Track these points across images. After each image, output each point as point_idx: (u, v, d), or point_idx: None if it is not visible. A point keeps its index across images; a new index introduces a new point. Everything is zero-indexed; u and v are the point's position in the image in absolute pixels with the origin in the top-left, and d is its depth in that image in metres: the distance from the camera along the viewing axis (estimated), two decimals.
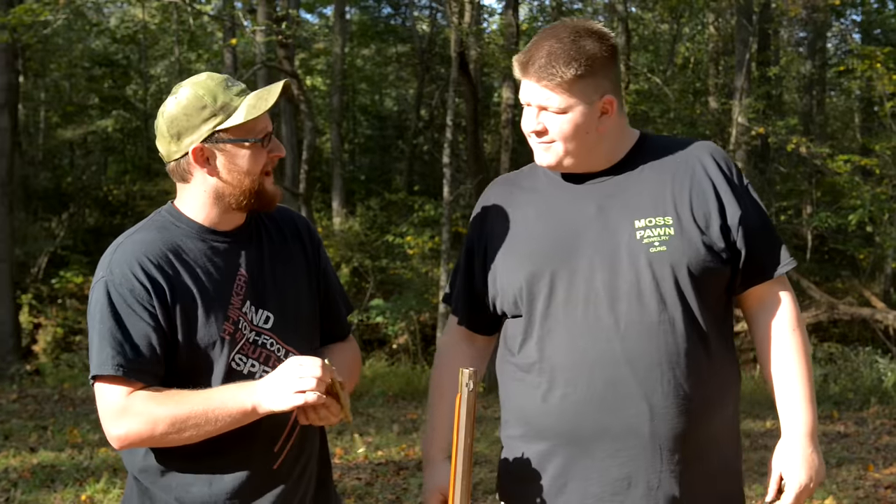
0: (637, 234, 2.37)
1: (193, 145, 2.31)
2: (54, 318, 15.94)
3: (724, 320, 2.47)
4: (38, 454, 7.83)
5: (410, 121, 23.03)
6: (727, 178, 2.43)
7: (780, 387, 2.45)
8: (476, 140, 14.79)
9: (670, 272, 2.35)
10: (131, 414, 2.23)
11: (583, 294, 2.38)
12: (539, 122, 2.40)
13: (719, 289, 2.44)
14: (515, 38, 15.91)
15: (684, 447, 2.37)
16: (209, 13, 16.87)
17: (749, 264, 2.43)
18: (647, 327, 2.35)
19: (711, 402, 2.40)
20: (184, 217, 2.39)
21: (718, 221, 2.39)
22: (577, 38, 2.36)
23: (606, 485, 2.39)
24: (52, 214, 19.54)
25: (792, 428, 2.43)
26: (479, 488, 6.28)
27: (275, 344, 2.40)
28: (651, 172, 2.46)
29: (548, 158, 2.44)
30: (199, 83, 2.31)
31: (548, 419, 2.43)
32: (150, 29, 21.07)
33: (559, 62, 2.33)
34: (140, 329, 2.27)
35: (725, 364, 2.46)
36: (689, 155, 2.47)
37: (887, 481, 7.07)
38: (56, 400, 11.13)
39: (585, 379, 2.36)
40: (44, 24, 13.06)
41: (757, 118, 15.28)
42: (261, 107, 2.27)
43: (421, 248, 16.20)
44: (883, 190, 13.73)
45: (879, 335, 12.88)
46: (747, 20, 15.38)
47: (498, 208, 2.58)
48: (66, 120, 21.54)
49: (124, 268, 2.30)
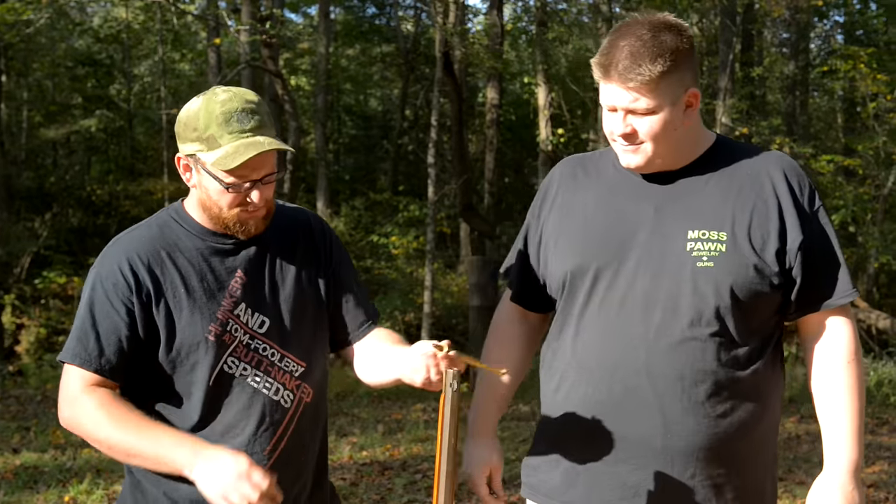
0: (688, 245, 2.30)
1: (179, 154, 2.35)
2: (37, 318, 15.84)
3: (769, 340, 2.39)
4: (20, 455, 7.80)
5: (395, 121, 23.02)
6: (795, 199, 2.32)
7: (827, 420, 2.37)
8: (461, 140, 14.81)
9: (713, 290, 2.27)
10: (81, 409, 2.29)
11: (620, 296, 2.34)
12: (627, 124, 2.30)
13: (767, 312, 2.35)
14: (500, 38, 15.94)
15: (699, 463, 2.32)
16: (193, 13, 16.84)
17: (803, 292, 2.33)
18: (676, 341, 2.29)
19: (737, 423, 2.33)
20: (188, 217, 2.41)
21: (776, 245, 2.29)
22: (657, 33, 2.27)
23: (614, 489, 2.37)
24: (35, 214, 19.42)
25: (834, 462, 2.33)
26: (465, 488, 6.28)
27: (269, 349, 2.39)
28: (717, 181, 2.37)
29: (636, 160, 2.35)
30: (211, 102, 2.29)
31: (567, 414, 2.41)
32: (134, 28, 20.96)
33: (644, 60, 2.23)
34: (111, 324, 2.31)
35: (764, 385, 2.37)
36: (761, 168, 2.37)
37: (870, 480, 7.09)
38: (39, 401, 11.08)
39: (607, 382, 2.34)
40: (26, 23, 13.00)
41: (740, 118, 15.31)
42: (228, 162, 2.24)
43: (406, 248, 16.20)
44: (865, 190, 13.81)
45: (862, 335, 12.95)
46: (731, 21, 15.42)
47: (561, 188, 2.54)
48: (49, 119, 21.42)
49: (113, 262, 2.35)
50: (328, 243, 2.53)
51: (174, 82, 21.46)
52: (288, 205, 2.58)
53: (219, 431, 2.36)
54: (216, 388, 2.35)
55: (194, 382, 2.34)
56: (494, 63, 15.03)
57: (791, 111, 21.15)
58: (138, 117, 21.91)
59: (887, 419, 9.74)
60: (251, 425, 2.37)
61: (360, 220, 18.55)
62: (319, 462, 2.53)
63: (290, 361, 2.41)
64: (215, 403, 2.36)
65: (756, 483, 2.42)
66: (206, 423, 2.36)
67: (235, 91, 2.32)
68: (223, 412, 2.37)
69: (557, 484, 2.46)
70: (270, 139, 2.28)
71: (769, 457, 2.47)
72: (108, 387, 2.33)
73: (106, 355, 2.31)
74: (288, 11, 21.99)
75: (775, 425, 2.48)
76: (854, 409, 2.34)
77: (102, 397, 2.29)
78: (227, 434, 2.36)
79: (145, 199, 19.31)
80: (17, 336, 15.59)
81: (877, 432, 9.11)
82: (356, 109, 25.21)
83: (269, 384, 2.38)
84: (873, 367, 11.39)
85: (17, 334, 15.62)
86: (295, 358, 2.42)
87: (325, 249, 2.52)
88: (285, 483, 2.38)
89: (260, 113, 2.30)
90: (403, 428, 9.21)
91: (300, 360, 2.43)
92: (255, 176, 2.29)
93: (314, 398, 2.46)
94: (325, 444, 2.56)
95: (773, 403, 2.43)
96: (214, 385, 2.35)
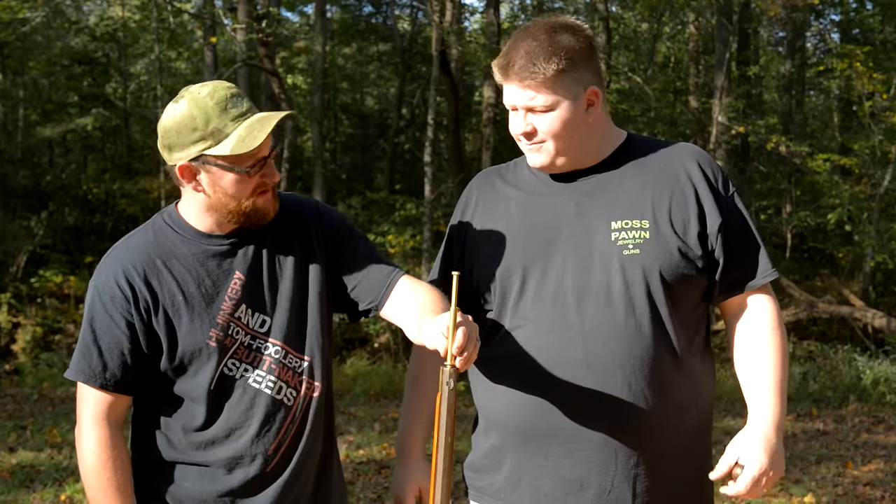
0: (612, 235, 2.34)
1: (181, 162, 2.31)
2: (33, 317, 15.81)
3: (698, 328, 2.43)
4: (16, 454, 7.79)
5: (392, 119, 23.00)
6: (710, 185, 2.39)
7: (750, 380, 2.39)
8: (457, 139, 14.81)
9: (642, 276, 2.31)
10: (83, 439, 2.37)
11: (552, 292, 2.36)
12: (527, 123, 2.37)
13: (695, 296, 2.39)
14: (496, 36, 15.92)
15: (642, 453, 2.34)
16: (189, 11, 16.82)
17: (726, 274, 2.38)
18: (612, 330, 2.31)
19: (677, 410, 2.35)
20: (182, 222, 2.40)
21: (697, 228, 2.34)
22: (553, 33, 2.34)
23: (558, 484, 2.37)
24: (31, 213, 19.39)
25: (758, 417, 2.35)
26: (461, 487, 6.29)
27: (271, 347, 2.39)
28: (633, 174, 2.42)
29: (540, 159, 2.40)
30: (198, 100, 2.27)
31: (505, 414, 2.42)
32: (130, 27, 20.93)
33: (539, 59, 2.30)
34: (113, 338, 2.32)
35: (698, 372, 2.41)
36: (674, 159, 2.43)
37: (866, 478, 7.11)
38: (35, 399, 11.07)
39: (546, 378, 2.34)
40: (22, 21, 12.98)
41: (737, 117, 15.33)
42: (248, 143, 2.24)
43: (402, 246, 16.17)
44: (861, 189, 13.83)
45: (858, 333, 12.96)
46: (727, 20, 15.43)
47: (480, 199, 2.57)
48: (46, 118, 21.38)
49: (109, 275, 2.35)
50: (324, 224, 2.50)
51: (171, 81, 21.42)
52: (282, 194, 2.55)
53: (223, 432, 2.38)
54: (218, 392, 2.36)
55: (196, 387, 2.35)
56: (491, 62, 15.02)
57: (787, 110, 21.17)
58: (135, 116, 21.88)
59: (883, 417, 9.76)
60: (254, 426, 2.37)
61: (357, 219, 18.52)
62: (324, 458, 2.52)
63: (294, 357, 2.41)
64: (218, 406, 2.37)
65: (696, 468, 2.44)
66: (209, 425, 2.38)
67: (212, 84, 2.32)
68: (226, 414, 2.38)
69: (502, 485, 2.46)
70: (269, 112, 2.30)
71: (706, 443, 2.50)
72: (120, 403, 2.37)
73: (110, 370, 2.33)
74: (284, 10, 21.99)
75: (709, 415, 2.51)
76: (777, 368, 2.37)
77: (103, 440, 2.35)
78: (231, 435, 2.38)
79: (141, 198, 19.29)
80: (14, 335, 15.57)
81: (873, 431, 9.13)
82: (353, 108, 25.18)
83: (272, 383, 2.38)
84: (869, 365, 11.40)
85: (13, 333, 15.59)
86: (297, 354, 2.41)
87: (321, 232, 2.48)
88: (289, 479, 2.39)
89: (243, 95, 2.33)
90: None
91: (303, 355, 2.42)
92: (265, 152, 2.30)
93: (322, 392, 2.45)
94: (329, 440, 2.54)
95: (706, 394, 2.46)
96: (216, 389, 2.36)
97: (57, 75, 21.23)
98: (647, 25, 19.07)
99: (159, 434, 2.41)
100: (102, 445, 2.33)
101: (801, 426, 9.25)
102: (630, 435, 2.33)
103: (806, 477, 7.10)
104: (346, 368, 13.03)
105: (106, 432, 2.34)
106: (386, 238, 16.20)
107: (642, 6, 15.93)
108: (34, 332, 15.40)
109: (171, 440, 2.40)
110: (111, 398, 2.34)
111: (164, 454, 2.41)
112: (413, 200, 16.55)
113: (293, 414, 2.40)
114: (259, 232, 2.41)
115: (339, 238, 2.49)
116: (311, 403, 2.43)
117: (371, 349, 15.04)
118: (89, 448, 2.34)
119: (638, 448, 2.34)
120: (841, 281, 15.61)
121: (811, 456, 7.83)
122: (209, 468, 2.38)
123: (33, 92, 21.39)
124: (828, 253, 16.70)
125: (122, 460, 2.35)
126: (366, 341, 15.52)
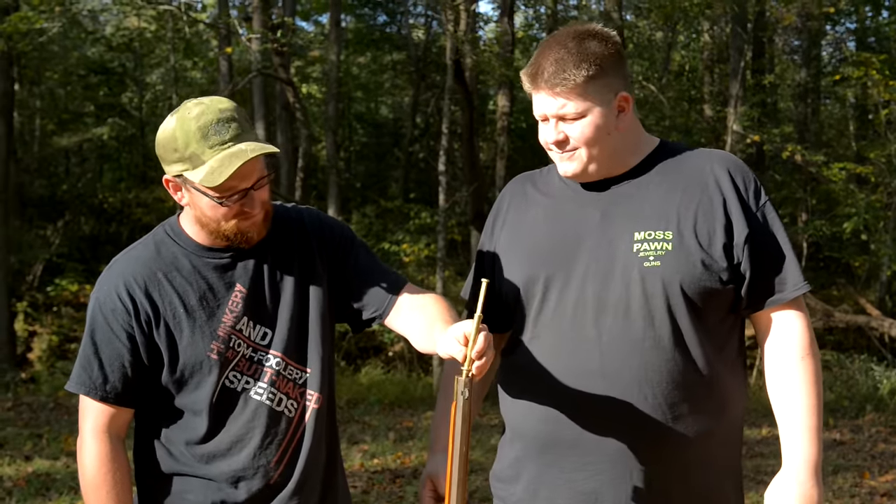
0: (634, 246, 2.30)
1: (166, 176, 2.32)
2: (49, 325, 15.90)
3: (728, 339, 2.37)
4: (32, 462, 7.81)
5: (406, 128, 23.05)
6: (739, 195, 2.33)
7: (784, 417, 2.32)
8: (471, 148, 14.82)
9: (661, 289, 2.27)
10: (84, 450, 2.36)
11: (572, 303, 2.34)
12: (559, 131, 2.34)
13: (721, 308, 2.33)
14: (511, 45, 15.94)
15: (659, 467, 2.31)
16: (205, 21, 16.90)
17: (753, 287, 2.31)
18: (629, 343, 2.28)
19: (699, 423, 2.31)
20: (182, 234, 2.40)
21: (723, 240, 2.29)
22: (582, 40, 2.32)
23: (574, 497, 2.35)
24: (48, 222, 19.51)
25: (792, 460, 2.30)
26: (476, 496, 6.27)
27: (272, 360, 2.39)
28: (661, 182, 2.38)
29: (573, 167, 2.37)
30: (184, 120, 2.23)
31: (525, 424, 2.41)
32: (146, 37, 21.06)
33: (569, 66, 2.28)
34: (114, 351, 2.33)
35: (726, 384, 2.35)
36: (704, 167, 2.38)
37: (883, 489, 7.06)
38: (51, 408, 11.10)
39: (563, 389, 2.32)
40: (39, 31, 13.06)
41: (752, 126, 15.29)
42: (215, 178, 2.20)
43: (417, 255, 16.16)
44: (878, 198, 13.76)
45: (875, 343, 12.90)
46: (742, 28, 15.42)
47: (512, 206, 2.56)
48: (62, 128, 21.51)
49: (111, 288, 2.35)
50: (325, 234, 2.48)
51: (186, 90, 21.52)
52: (283, 206, 2.53)
53: (225, 445, 2.38)
54: (219, 404, 2.36)
55: (198, 400, 2.35)
56: (505, 71, 15.03)
57: (803, 119, 21.11)
58: (150, 125, 21.96)
59: None
60: (256, 438, 2.37)
61: (371, 228, 18.53)
62: (328, 468, 2.52)
63: (294, 369, 2.40)
64: (220, 418, 2.37)
65: (717, 488, 2.40)
66: (211, 438, 2.38)
67: (208, 102, 2.26)
68: (228, 426, 2.38)
69: (521, 495, 2.44)
70: (253, 145, 2.22)
71: (731, 462, 2.44)
72: (121, 416, 2.37)
73: (111, 382, 2.33)
74: (299, 20, 22.06)
75: (737, 429, 2.45)
76: (811, 404, 2.30)
77: (103, 453, 2.35)
78: (234, 448, 2.38)
79: (157, 207, 19.37)
80: (30, 343, 15.66)
81: (889, 441, 9.08)
82: (367, 117, 25.24)
83: (273, 395, 2.38)
84: (886, 374, 11.35)
85: (29, 342, 15.68)
86: (298, 365, 2.41)
87: (322, 243, 2.47)
88: (293, 490, 2.39)
89: (237, 119, 2.25)
90: (415, 436, 9.19)
91: (304, 366, 2.42)
92: (245, 185, 2.25)
93: (323, 403, 2.44)
94: (332, 450, 2.53)
95: (734, 407, 2.40)
96: (217, 401, 2.36)
97: (73, 85, 21.37)
98: (662, 34, 19.05)
99: (160, 447, 2.41)
100: (102, 458, 2.34)
101: None
102: (646, 449, 2.29)
103: (823, 488, 7.05)
104: (360, 377, 13.04)
105: (106, 445, 2.34)
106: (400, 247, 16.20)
107: (657, 15, 15.91)
108: (50, 341, 15.48)
109: (172, 453, 2.40)
110: (112, 410, 2.34)
111: (165, 466, 2.40)
112: (427, 209, 16.54)
113: (294, 425, 2.40)
114: (260, 244, 2.39)
115: (341, 248, 2.48)
116: (313, 415, 2.42)
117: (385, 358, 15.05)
118: (90, 461, 2.34)
119: (655, 462, 2.30)
120: (857, 290, 15.55)
121: (828, 466, 7.78)
122: (212, 478, 2.38)
123: (50, 102, 21.54)
124: (844, 262, 16.62)
125: (122, 474, 2.36)
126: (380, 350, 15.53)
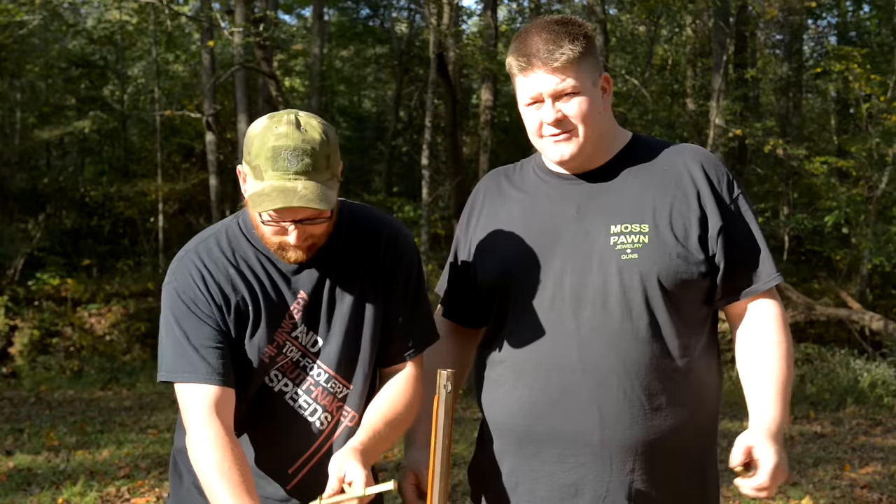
0: (611, 239, 2.32)
1: (239, 166, 2.29)
2: (31, 320, 15.81)
3: (702, 330, 2.39)
4: (14, 457, 7.78)
5: (389, 122, 23.04)
6: (713, 188, 2.35)
7: (753, 381, 2.33)
8: (455, 141, 14.83)
9: (639, 281, 2.29)
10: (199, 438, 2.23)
11: (549, 296, 2.35)
12: (557, 110, 2.33)
13: (697, 300, 2.36)
14: (494, 39, 15.95)
15: (638, 458, 2.31)
16: (187, 14, 16.82)
17: (727, 278, 2.34)
18: (607, 335, 2.29)
19: (677, 415, 2.32)
20: (253, 231, 2.35)
21: (698, 231, 2.31)
22: (562, 24, 2.35)
23: (553, 490, 2.36)
24: (29, 216, 19.39)
25: (760, 419, 2.27)
26: (458, 490, 6.27)
27: (316, 369, 2.38)
28: (636, 177, 2.40)
29: (569, 149, 2.36)
30: (267, 132, 2.18)
31: (504, 417, 2.42)
32: (128, 30, 20.95)
33: (564, 42, 2.30)
34: (206, 334, 2.29)
35: (701, 375, 2.37)
36: (678, 161, 2.40)
37: (863, 481, 7.11)
38: (32, 403, 11.06)
39: (542, 382, 2.33)
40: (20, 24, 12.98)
41: (734, 120, 15.35)
42: (256, 204, 2.15)
43: None
44: (859, 192, 13.84)
45: (856, 336, 12.96)
46: (724, 22, 15.45)
47: (486, 201, 2.57)
48: (43, 121, 21.40)
49: (188, 278, 2.32)
50: (394, 264, 2.43)
51: (168, 84, 21.44)
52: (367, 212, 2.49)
53: (254, 442, 2.39)
54: (257, 402, 2.37)
55: (239, 394, 2.32)
56: (489, 64, 15.04)
57: (784, 112, 21.21)
58: (132, 119, 21.88)
59: (881, 420, 9.77)
60: (283, 442, 2.38)
61: None
62: None
63: (337, 383, 2.39)
64: (254, 415, 2.37)
65: (695, 478, 2.41)
66: (241, 433, 2.37)
67: (302, 124, 2.20)
68: (260, 424, 2.38)
69: (501, 489, 2.45)
70: (309, 192, 2.14)
71: (708, 452, 2.45)
72: (226, 398, 2.27)
73: (210, 363, 2.27)
74: (282, 13, 22.01)
75: (714, 420, 2.46)
76: (781, 371, 2.31)
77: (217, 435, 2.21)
78: (261, 447, 2.38)
79: (139, 201, 19.28)
80: (11, 338, 15.56)
81: (870, 433, 9.14)
82: (350, 111, 25.21)
83: (308, 404, 2.38)
84: (867, 368, 11.41)
85: (10, 336, 15.59)
86: (342, 379, 2.39)
87: (387, 272, 2.42)
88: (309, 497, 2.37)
89: (315, 156, 2.16)
90: None
91: (348, 382, 2.40)
92: (289, 217, 2.20)
93: (357, 422, 2.41)
94: None
95: (711, 398, 2.42)
96: (256, 398, 2.36)
97: (54, 78, 21.25)
98: (645, 28, 19.09)
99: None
100: (218, 440, 2.20)
101: (798, 429, 9.25)
102: (625, 440, 2.30)
103: (803, 480, 7.10)
104: None
105: (219, 427, 2.22)
106: None
107: (639, 9, 15.95)
108: (31, 335, 15.39)
109: None
110: (217, 392, 2.25)
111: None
112: (411, 203, 16.56)
113: (322, 439, 2.39)
114: (327, 253, 2.36)
115: (396, 281, 2.44)
116: (345, 432, 2.40)
117: None
118: (206, 447, 2.21)
119: (633, 453, 2.31)
120: (838, 283, 15.63)
121: (808, 459, 7.83)
122: None
123: (31, 95, 21.39)
124: (825, 255, 16.72)
125: (241, 457, 2.23)
126: None
